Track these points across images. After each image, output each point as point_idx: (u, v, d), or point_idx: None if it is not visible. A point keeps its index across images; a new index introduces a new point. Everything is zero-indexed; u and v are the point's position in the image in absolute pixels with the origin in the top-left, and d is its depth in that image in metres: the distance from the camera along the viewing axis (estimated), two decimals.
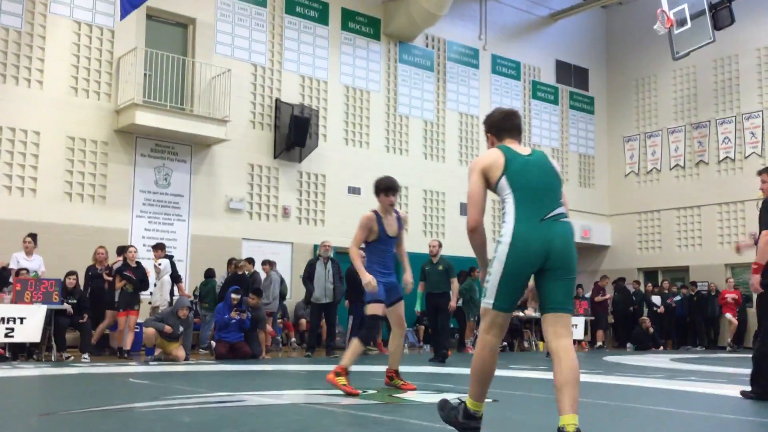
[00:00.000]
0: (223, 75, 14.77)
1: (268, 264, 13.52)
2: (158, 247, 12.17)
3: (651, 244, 21.74)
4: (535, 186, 3.67)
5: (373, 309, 6.20)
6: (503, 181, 3.70)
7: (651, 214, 21.81)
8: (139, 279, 11.42)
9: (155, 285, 12.06)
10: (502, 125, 3.95)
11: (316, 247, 14.83)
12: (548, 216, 3.64)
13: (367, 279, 6.09)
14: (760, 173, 6.77)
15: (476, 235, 3.76)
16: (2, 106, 12.78)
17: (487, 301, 3.66)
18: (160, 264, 11.74)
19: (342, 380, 5.96)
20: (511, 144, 3.85)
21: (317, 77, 16.82)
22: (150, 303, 12.14)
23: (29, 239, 11.23)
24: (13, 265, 11.00)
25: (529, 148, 3.88)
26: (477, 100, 19.90)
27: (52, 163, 13.15)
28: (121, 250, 11.99)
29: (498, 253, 3.64)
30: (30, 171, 12.98)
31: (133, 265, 11.53)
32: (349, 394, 5.83)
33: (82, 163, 13.49)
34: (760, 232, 6.34)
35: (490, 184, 3.75)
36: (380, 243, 6.39)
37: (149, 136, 14.11)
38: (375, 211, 6.40)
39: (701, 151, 20.83)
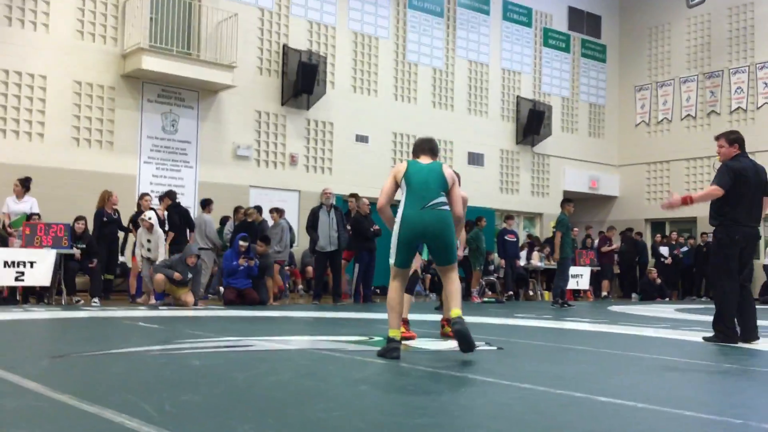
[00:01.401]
0: (230, 19, 14.59)
1: (277, 212, 13.50)
2: (166, 196, 12.08)
3: (659, 195, 21.66)
4: (420, 185, 5.18)
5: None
6: (402, 181, 5.25)
7: (660, 165, 21.68)
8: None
9: (148, 240, 11.77)
10: (417, 148, 5.52)
11: None
12: (427, 205, 5.12)
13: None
14: (717, 138, 7.10)
15: (382, 214, 5.38)
16: (8, 49, 12.69)
17: (390, 260, 5.24)
18: (150, 219, 11.39)
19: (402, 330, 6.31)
20: (421, 159, 5.42)
21: (325, 23, 16.59)
22: (143, 257, 11.83)
23: (17, 183, 11.22)
24: (4, 210, 11.08)
25: (431, 160, 5.40)
26: (487, 48, 19.63)
27: (58, 108, 13.10)
28: (163, 197, 12.14)
29: (395, 228, 5.20)
30: (37, 116, 12.94)
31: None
32: (408, 338, 6.23)
33: (89, 108, 13.44)
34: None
35: (398, 184, 5.30)
36: None
37: (156, 82, 14.01)
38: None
39: (713, 101, 20.58)
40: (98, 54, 13.53)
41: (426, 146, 5.49)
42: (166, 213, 11.88)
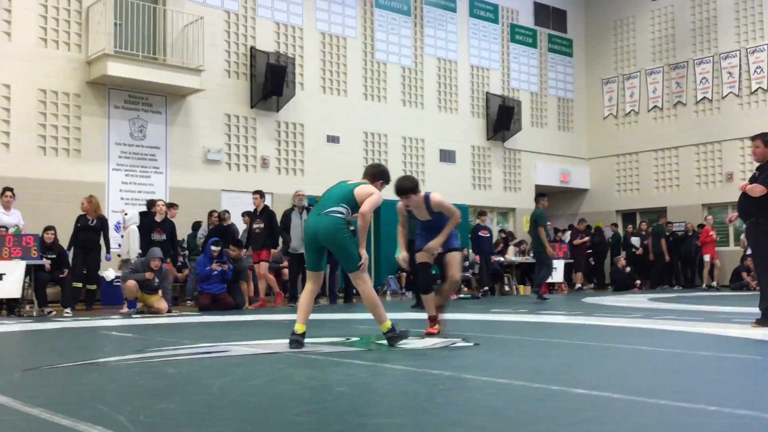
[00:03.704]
0: (195, 23, 14.47)
1: (248, 215, 13.41)
2: (173, 206, 12.66)
3: (629, 186, 21.91)
4: (324, 196, 5.85)
5: (419, 257, 6.71)
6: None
7: (629, 157, 21.92)
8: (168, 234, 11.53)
9: (122, 237, 11.83)
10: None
11: None
12: (322, 212, 5.68)
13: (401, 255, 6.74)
14: (753, 139, 7.58)
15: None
16: None
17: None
18: (126, 214, 11.48)
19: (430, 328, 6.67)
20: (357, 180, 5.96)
21: (292, 23, 16.53)
22: (119, 255, 11.89)
23: (9, 193, 11.01)
24: None
25: (363, 181, 5.89)
26: (455, 45, 19.70)
27: (24, 117, 12.90)
28: (151, 204, 11.89)
29: None
30: (2, 125, 12.75)
31: (159, 219, 11.44)
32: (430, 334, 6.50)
33: (55, 116, 13.26)
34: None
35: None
36: (421, 223, 6.82)
37: (122, 87, 13.86)
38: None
39: (679, 92, 20.86)
40: (62, 61, 13.35)
41: (367, 171, 6.10)
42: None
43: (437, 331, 6.61)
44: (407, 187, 6.39)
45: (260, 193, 12.35)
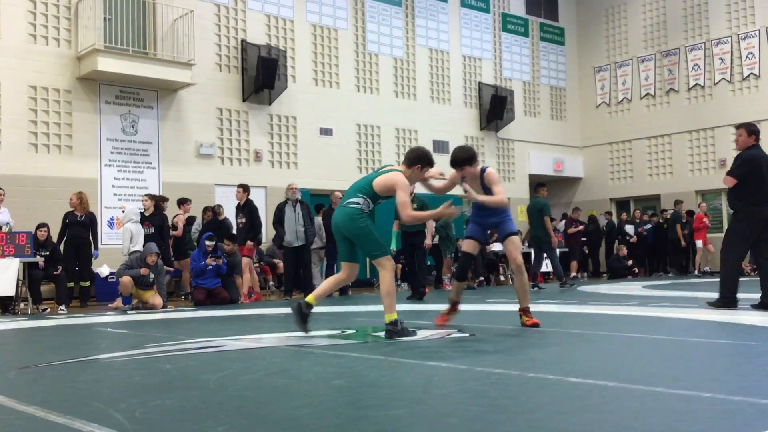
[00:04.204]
0: (185, 16, 14.40)
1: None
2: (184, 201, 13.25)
3: (623, 174, 21.95)
4: (349, 188, 5.96)
5: (465, 246, 6.65)
6: None
7: (622, 144, 21.95)
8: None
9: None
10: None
11: None
12: (343, 204, 5.84)
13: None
14: (738, 127, 7.80)
15: (414, 219, 6.28)
16: None
17: None
18: (123, 210, 11.53)
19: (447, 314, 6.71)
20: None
21: (283, 16, 16.46)
22: (124, 254, 11.95)
23: (2, 191, 10.97)
24: None
25: (398, 167, 5.98)
26: (447, 35, 19.65)
27: (14, 114, 12.84)
28: (182, 202, 12.62)
29: None
30: None
31: (147, 214, 11.69)
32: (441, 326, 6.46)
33: (46, 113, 13.19)
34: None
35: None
36: (476, 207, 6.67)
37: (113, 83, 13.80)
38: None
39: (671, 79, 20.87)
40: (52, 57, 13.27)
41: (405, 155, 6.09)
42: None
43: (447, 320, 6.60)
44: (462, 158, 6.31)
45: (243, 187, 12.26)
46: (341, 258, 6.01)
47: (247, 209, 12.08)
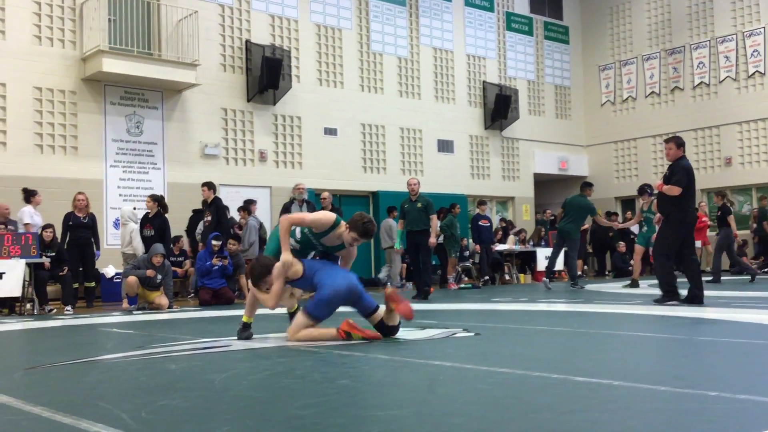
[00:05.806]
0: (190, 17, 14.43)
1: (244, 210, 13.37)
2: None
3: (628, 173, 21.90)
4: None
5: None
6: None
7: (627, 143, 21.90)
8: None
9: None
10: None
11: None
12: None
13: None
14: (667, 141, 8.70)
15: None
16: None
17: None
18: (135, 209, 11.62)
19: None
20: None
21: (287, 16, 16.48)
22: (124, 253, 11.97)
23: (38, 195, 11.37)
24: (27, 220, 10.99)
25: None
26: (451, 34, 19.64)
27: (20, 116, 12.88)
28: (247, 204, 12.89)
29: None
30: None
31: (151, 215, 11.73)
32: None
33: (51, 114, 13.23)
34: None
35: None
36: None
37: (118, 84, 13.83)
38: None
39: (676, 77, 20.81)
40: (57, 58, 13.31)
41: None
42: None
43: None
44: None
45: (209, 185, 12.16)
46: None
47: (213, 207, 11.96)
